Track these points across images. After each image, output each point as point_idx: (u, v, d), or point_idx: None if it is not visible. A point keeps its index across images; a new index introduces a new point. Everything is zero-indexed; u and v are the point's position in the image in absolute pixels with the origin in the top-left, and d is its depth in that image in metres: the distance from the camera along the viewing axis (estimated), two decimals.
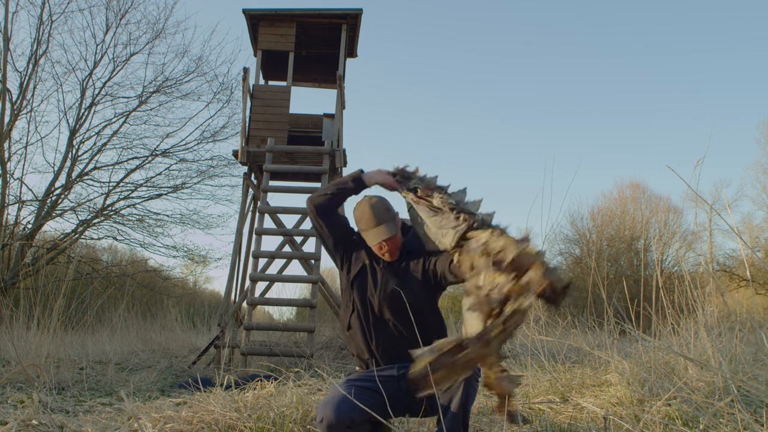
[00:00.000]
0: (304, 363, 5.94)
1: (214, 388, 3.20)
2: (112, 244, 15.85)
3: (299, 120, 8.41)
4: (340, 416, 2.02)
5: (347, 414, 2.02)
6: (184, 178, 14.73)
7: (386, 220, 2.31)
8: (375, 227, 2.30)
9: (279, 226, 7.22)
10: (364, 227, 2.34)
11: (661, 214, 21.54)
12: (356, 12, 7.91)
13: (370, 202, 2.35)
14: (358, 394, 2.12)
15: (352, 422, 2.02)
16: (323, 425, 2.03)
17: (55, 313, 5.63)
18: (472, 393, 2.08)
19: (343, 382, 2.27)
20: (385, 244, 2.31)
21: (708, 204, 2.21)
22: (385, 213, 2.33)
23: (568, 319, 5.65)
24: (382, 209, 2.33)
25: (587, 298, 6.53)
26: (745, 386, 1.99)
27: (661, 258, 20.30)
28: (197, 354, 7.33)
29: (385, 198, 2.40)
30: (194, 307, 14.30)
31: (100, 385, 5.16)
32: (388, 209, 2.35)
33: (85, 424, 3.05)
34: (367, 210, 2.33)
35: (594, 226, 22.23)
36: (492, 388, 1.87)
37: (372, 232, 2.31)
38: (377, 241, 2.30)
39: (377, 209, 2.32)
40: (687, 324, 3.91)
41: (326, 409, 2.04)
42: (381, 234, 2.29)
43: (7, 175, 12.59)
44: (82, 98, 13.67)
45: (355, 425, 2.03)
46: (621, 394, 3.19)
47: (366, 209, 2.33)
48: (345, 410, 2.03)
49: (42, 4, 12.95)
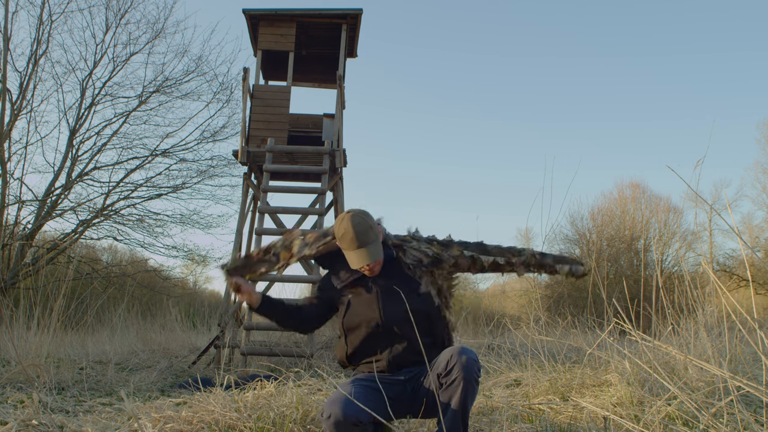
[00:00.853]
0: (304, 363, 5.94)
1: (214, 388, 3.19)
2: (112, 244, 15.85)
3: (299, 120, 8.41)
4: (347, 414, 2.02)
5: (354, 412, 2.02)
6: (184, 178, 14.75)
7: (370, 242, 2.25)
8: (357, 249, 2.24)
9: (279, 226, 7.22)
10: (345, 247, 2.27)
11: (661, 214, 21.55)
12: (356, 12, 7.91)
13: (352, 221, 2.26)
14: (365, 394, 2.13)
15: (358, 420, 2.02)
16: (330, 422, 2.03)
17: (55, 313, 5.63)
18: (472, 392, 2.09)
19: (348, 381, 2.27)
20: (367, 267, 2.28)
21: (708, 204, 2.21)
22: (369, 233, 2.25)
23: (568, 319, 5.65)
24: (366, 229, 2.25)
25: (587, 298, 6.53)
26: (744, 386, 1.99)
27: (661, 258, 20.30)
28: (197, 354, 7.33)
29: (367, 214, 2.33)
30: (194, 307, 14.31)
31: (100, 385, 5.16)
32: (371, 228, 2.27)
33: (85, 424, 3.05)
34: (349, 230, 2.25)
35: (594, 226, 22.24)
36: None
37: (354, 253, 2.25)
38: (360, 264, 2.26)
39: (360, 229, 2.24)
40: (687, 324, 3.91)
41: (334, 407, 2.04)
42: (364, 258, 2.25)
43: (7, 175, 12.60)
44: (82, 98, 13.68)
45: (361, 424, 2.03)
46: (621, 394, 3.19)
47: (348, 228, 2.25)
48: (353, 408, 2.03)
49: (42, 4, 12.96)
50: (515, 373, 4.19)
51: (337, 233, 2.30)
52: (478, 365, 2.11)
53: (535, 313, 4.92)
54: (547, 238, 4.10)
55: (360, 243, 2.24)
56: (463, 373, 2.05)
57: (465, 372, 2.05)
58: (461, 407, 2.06)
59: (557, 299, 16.66)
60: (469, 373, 2.06)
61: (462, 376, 2.05)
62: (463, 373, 2.05)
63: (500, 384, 4.03)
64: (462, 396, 2.06)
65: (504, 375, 4.23)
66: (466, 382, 2.05)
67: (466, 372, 2.06)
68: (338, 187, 8.18)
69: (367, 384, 2.22)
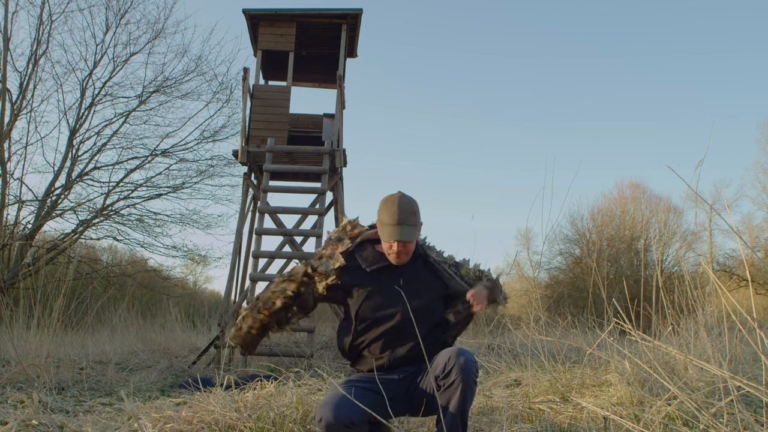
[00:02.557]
0: (304, 363, 5.94)
1: (214, 388, 3.19)
2: (112, 244, 15.88)
3: (299, 120, 8.41)
4: (338, 416, 2.01)
5: (346, 414, 2.02)
6: (184, 178, 14.76)
7: (409, 223, 2.24)
8: (395, 225, 2.22)
9: (279, 226, 7.22)
10: (384, 221, 2.25)
11: (661, 214, 21.56)
12: (356, 12, 7.91)
13: (401, 199, 2.26)
14: (358, 395, 2.12)
15: (350, 422, 2.02)
16: (322, 425, 2.03)
17: (55, 313, 5.63)
18: (470, 393, 2.09)
19: (342, 382, 2.27)
20: (396, 246, 2.25)
21: (708, 204, 2.21)
22: (410, 216, 2.24)
23: (568, 319, 5.66)
24: (409, 211, 2.25)
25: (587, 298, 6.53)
26: (744, 386, 1.99)
27: (661, 258, 20.30)
28: (197, 354, 7.33)
29: (416, 201, 2.32)
30: (194, 307, 14.30)
31: (100, 385, 5.16)
32: (414, 213, 2.26)
33: (85, 424, 3.05)
34: (394, 205, 2.24)
35: (594, 226, 22.26)
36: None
37: (390, 228, 2.23)
38: (392, 239, 2.23)
39: (404, 208, 2.24)
40: (687, 324, 3.91)
41: (325, 409, 2.03)
42: (397, 234, 2.22)
43: (7, 175, 12.60)
44: (82, 98, 13.69)
45: (354, 425, 2.02)
46: (621, 394, 3.19)
47: (394, 204, 2.25)
48: (344, 410, 2.02)
49: (42, 4, 12.96)
50: (515, 373, 4.19)
51: (382, 205, 2.27)
52: (476, 366, 2.12)
53: (535, 313, 4.92)
54: (547, 238, 4.10)
55: (401, 219, 2.22)
56: (462, 376, 2.06)
57: (463, 374, 2.06)
58: (460, 409, 2.07)
59: (557, 299, 16.65)
60: (468, 375, 2.06)
61: (460, 378, 2.06)
62: (462, 375, 2.06)
63: (500, 384, 4.03)
64: (461, 398, 2.06)
65: (504, 375, 4.23)
66: (464, 384, 2.06)
67: (465, 374, 2.06)
68: (338, 187, 8.18)
69: (361, 385, 2.21)
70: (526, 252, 25.18)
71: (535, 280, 21.91)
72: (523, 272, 23.84)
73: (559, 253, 22.27)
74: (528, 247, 25.36)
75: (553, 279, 22.24)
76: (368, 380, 2.24)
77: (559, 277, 22.06)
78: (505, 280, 15.74)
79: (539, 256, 23.35)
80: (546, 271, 22.75)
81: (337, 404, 2.04)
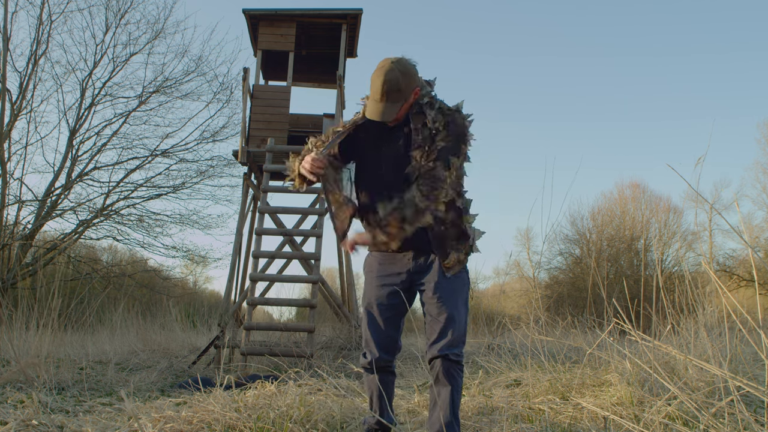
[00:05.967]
0: (304, 363, 5.94)
1: (214, 388, 3.19)
2: (112, 244, 15.88)
3: (299, 120, 8.41)
4: (382, 354, 2.31)
5: (390, 345, 2.33)
6: (183, 178, 14.76)
7: (390, 101, 2.12)
8: (376, 101, 2.14)
9: (279, 226, 7.22)
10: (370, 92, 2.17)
11: (661, 214, 21.57)
12: (356, 12, 7.91)
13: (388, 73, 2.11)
14: (385, 311, 2.30)
15: (395, 349, 2.36)
16: (367, 361, 2.34)
17: (54, 312, 5.62)
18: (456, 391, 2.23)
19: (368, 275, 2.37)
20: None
21: (708, 203, 2.21)
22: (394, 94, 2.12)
23: (568, 319, 5.65)
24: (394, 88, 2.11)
25: (587, 298, 6.53)
26: (745, 386, 1.99)
27: (661, 258, 20.31)
28: (197, 354, 7.33)
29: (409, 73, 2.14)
30: (194, 307, 14.29)
31: (100, 385, 5.16)
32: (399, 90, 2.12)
33: (85, 424, 3.05)
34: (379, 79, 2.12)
35: (594, 226, 22.26)
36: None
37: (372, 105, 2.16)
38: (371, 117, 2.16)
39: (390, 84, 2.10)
40: (687, 324, 3.90)
41: (370, 346, 2.33)
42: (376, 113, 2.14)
43: (7, 175, 12.60)
44: (81, 98, 13.69)
45: (397, 351, 2.36)
46: (621, 394, 3.19)
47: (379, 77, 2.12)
48: (384, 343, 2.31)
49: (41, 4, 12.97)
50: (515, 373, 4.19)
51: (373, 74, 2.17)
52: (459, 365, 2.22)
53: (535, 313, 4.92)
54: (547, 237, 4.10)
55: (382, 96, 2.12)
56: (446, 379, 2.21)
57: (447, 377, 2.22)
58: (450, 406, 2.21)
59: (557, 299, 16.66)
60: (450, 378, 2.22)
61: (446, 381, 2.22)
62: (446, 378, 2.22)
63: (500, 384, 4.03)
64: (449, 398, 2.21)
65: (504, 375, 4.23)
66: (450, 385, 2.22)
67: (448, 377, 2.21)
68: None
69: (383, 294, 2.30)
70: (526, 252, 25.20)
71: (535, 280, 21.94)
72: (523, 272, 23.88)
73: (559, 253, 22.29)
74: (528, 247, 25.37)
75: (553, 279, 22.24)
76: (387, 284, 2.30)
77: (559, 277, 22.07)
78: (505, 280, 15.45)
79: (539, 256, 23.39)
80: (546, 271, 22.78)
81: (378, 342, 2.32)
